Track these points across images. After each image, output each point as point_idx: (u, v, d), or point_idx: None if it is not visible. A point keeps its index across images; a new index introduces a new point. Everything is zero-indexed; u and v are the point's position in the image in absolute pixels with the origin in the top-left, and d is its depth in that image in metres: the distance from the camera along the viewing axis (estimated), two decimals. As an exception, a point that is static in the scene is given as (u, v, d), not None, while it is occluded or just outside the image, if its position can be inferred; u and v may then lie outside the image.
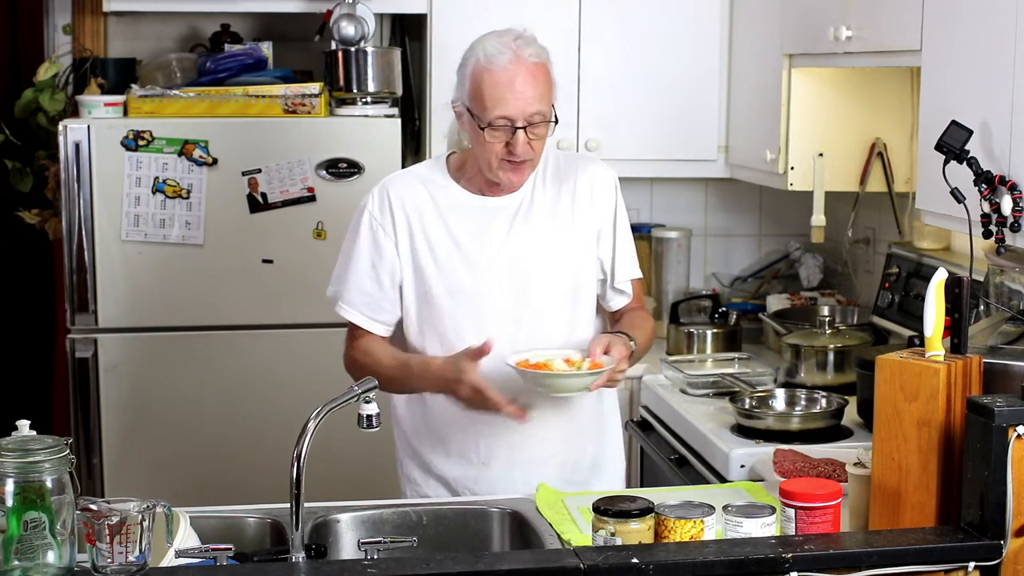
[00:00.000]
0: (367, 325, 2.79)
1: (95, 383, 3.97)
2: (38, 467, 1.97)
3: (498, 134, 2.64)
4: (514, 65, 2.62)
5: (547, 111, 2.66)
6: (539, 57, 2.67)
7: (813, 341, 3.69)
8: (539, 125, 2.65)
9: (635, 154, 4.24)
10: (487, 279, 2.75)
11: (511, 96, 2.61)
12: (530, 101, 2.62)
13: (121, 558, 2.00)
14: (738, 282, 4.67)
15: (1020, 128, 2.62)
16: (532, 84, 2.63)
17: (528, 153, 2.66)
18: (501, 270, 2.76)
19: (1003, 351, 2.44)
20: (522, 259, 2.76)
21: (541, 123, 2.65)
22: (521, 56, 2.63)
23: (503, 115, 2.62)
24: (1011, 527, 2.12)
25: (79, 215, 3.89)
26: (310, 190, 3.96)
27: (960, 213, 2.69)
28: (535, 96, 2.63)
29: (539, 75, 2.66)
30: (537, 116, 2.64)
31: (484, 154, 2.68)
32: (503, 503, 2.63)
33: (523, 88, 2.62)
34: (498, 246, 2.76)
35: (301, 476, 2.22)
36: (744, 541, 2.15)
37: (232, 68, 4.13)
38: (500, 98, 2.62)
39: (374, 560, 2.13)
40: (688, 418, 3.44)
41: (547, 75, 2.68)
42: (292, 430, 2.29)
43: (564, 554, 2.13)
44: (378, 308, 2.79)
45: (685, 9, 4.23)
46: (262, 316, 4.00)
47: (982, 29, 2.78)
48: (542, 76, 2.66)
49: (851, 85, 3.81)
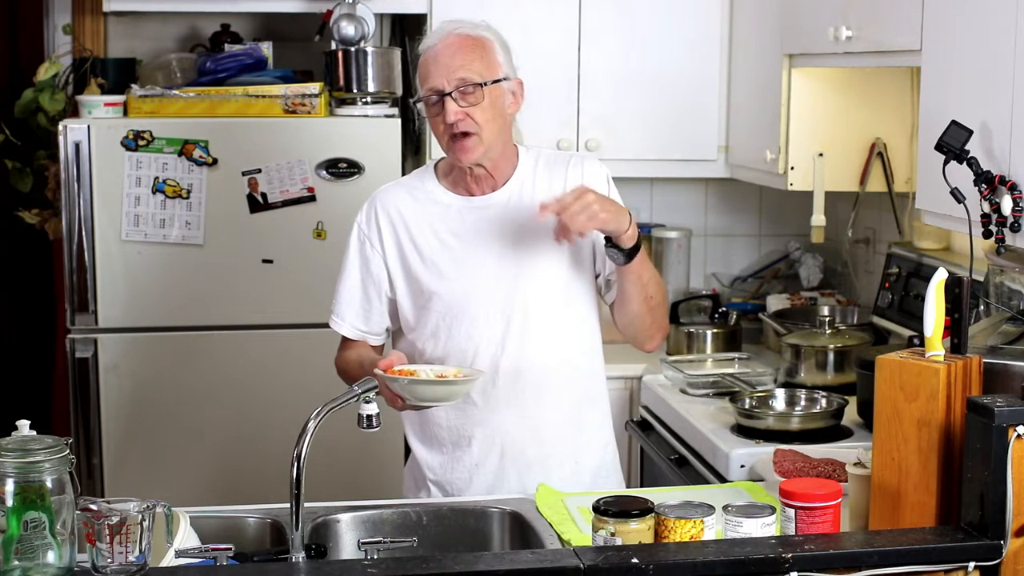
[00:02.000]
0: (355, 335, 2.85)
1: (95, 383, 3.97)
2: (38, 467, 1.97)
3: (434, 109, 2.68)
4: (441, 41, 2.69)
5: (477, 79, 2.66)
6: (474, 31, 2.71)
7: (813, 341, 3.69)
8: (471, 93, 2.66)
9: (635, 154, 4.24)
10: (475, 277, 2.75)
11: (435, 68, 2.67)
12: (454, 69, 2.66)
13: (121, 558, 2.00)
14: (738, 282, 4.67)
15: (1020, 128, 2.62)
16: (458, 53, 2.67)
17: (465, 123, 2.66)
18: (489, 267, 2.76)
19: (1003, 351, 2.44)
20: (511, 256, 2.76)
21: (473, 91, 2.66)
22: (451, 32, 2.69)
23: (430, 87, 2.68)
24: (1011, 527, 2.12)
25: (79, 215, 3.89)
26: (310, 190, 3.96)
27: (960, 213, 2.69)
28: (461, 64, 2.66)
29: (467, 45, 2.68)
30: (465, 83, 2.66)
31: (437, 137, 2.73)
32: (503, 503, 2.63)
33: (448, 59, 2.67)
34: (485, 244, 2.76)
35: (301, 476, 2.22)
36: (744, 541, 2.15)
37: (232, 68, 4.13)
38: (427, 73, 2.69)
39: (374, 560, 2.13)
40: (688, 418, 3.44)
41: (481, 46, 2.70)
42: (292, 430, 2.29)
43: (564, 554, 2.13)
44: (365, 319, 2.84)
45: (685, 9, 4.23)
46: (262, 316, 4.00)
47: (982, 29, 2.78)
48: (471, 45, 2.69)
49: (851, 85, 3.81)
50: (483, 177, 2.77)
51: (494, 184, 2.79)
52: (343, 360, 2.87)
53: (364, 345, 2.86)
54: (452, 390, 2.52)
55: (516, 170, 2.80)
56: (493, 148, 2.72)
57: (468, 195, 2.79)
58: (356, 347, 2.85)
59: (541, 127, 4.02)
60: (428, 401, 2.56)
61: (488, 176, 2.77)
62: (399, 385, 2.49)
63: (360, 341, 2.85)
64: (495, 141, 2.72)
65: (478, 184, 2.78)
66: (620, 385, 3.94)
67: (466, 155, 2.69)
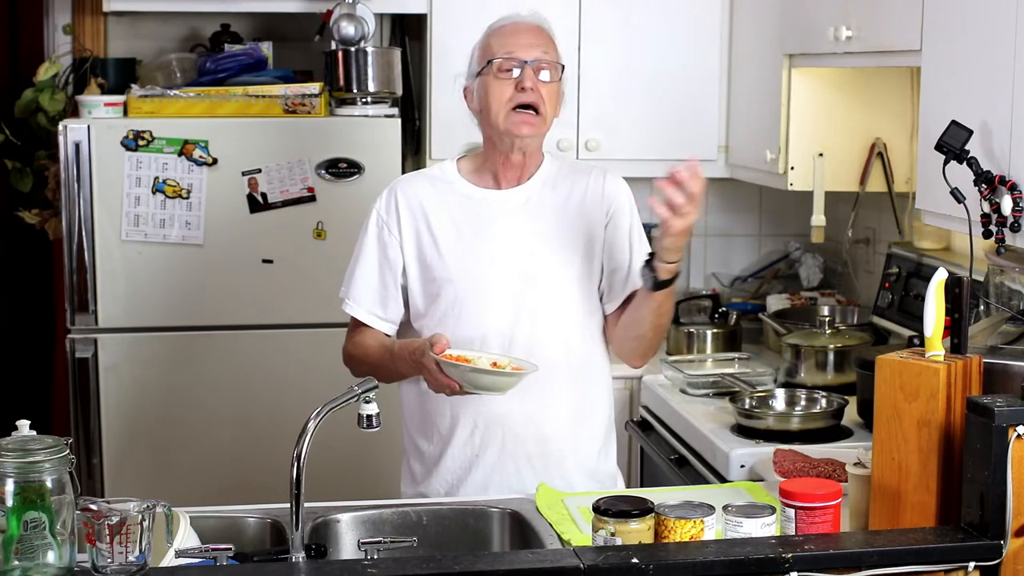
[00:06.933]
0: (371, 321, 2.84)
1: (95, 383, 3.96)
2: (38, 467, 1.97)
3: (506, 74, 2.74)
4: (515, 22, 2.81)
5: (552, 61, 2.77)
6: (545, 22, 2.84)
7: (813, 341, 3.69)
8: (545, 69, 2.75)
9: (635, 154, 4.24)
10: (489, 268, 2.77)
11: (514, 40, 2.77)
12: (534, 44, 2.76)
13: (121, 558, 2.00)
14: (738, 282, 4.67)
15: (1020, 128, 2.62)
16: (536, 34, 2.79)
17: (536, 95, 2.73)
18: (504, 260, 2.78)
19: (1003, 351, 2.43)
20: (525, 252, 2.79)
21: (547, 67, 2.75)
22: (523, 15, 2.82)
23: (508, 52, 2.75)
24: (1011, 527, 2.12)
25: (79, 215, 3.89)
26: (310, 190, 3.96)
27: (960, 213, 2.69)
28: (538, 43, 2.77)
29: (546, 34, 2.81)
30: (542, 59, 2.75)
31: (494, 105, 2.74)
32: (503, 503, 2.63)
33: (532, 36, 2.77)
34: (503, 237, 2.79)
35: (301, 476, 2.22)
36: (744, 541, 2.15)
37: (232, 68, 4.13)
38: (505, 42, 2.77)
39: (374, 560, 2.13)
40: (688, 418, 3.44)
41: (552, 38, 2.82)
42: (292, 430, 2.29)
43: (564, 554, 2.13)
44: (382, 305, 2.83)
45: (685, 9, 4.23)
46: (262, 316, 4.00)
47: (982, 29, 2.78)
48: (546, 34, 2.81)
49: (851, 85, 3.81)
50: (515, 166, 2.81)
51: (519, 178, 2.83)
52: (359, 346, 2.85)
53: (374, 333, 2.85)
54: (511, 380, 2.60)
55: (540, 169, 2.85)
56: (542, 135, 2.80)
57: (489, 188, 2.82)
58: (372, 333, 2.84)
59: (541, 127, 4.01)
60: (485, 390, 2.62)
61: (518, 166, 2.81)
62: (459, 371, 2.55)
63: (370, 329, 2.84)
64: (547, 128, 2.80)
65: (506, 174, 2.82)
66: (620, 385, 3.94)
67: (527, 127, 2.74)
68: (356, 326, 2.87)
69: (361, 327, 2.85)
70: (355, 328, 2.87)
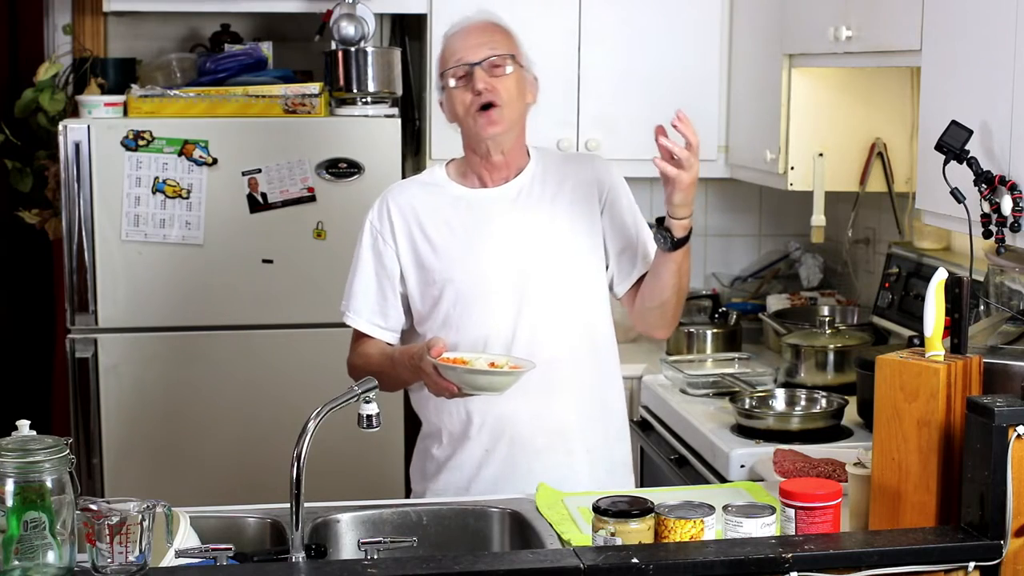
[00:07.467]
0: (372, 332, 2.86)
1: (95, 383, 3.96)
2: (38, 467, 1.97)
3: (461, 83, 2.74)
4: (468, 22, 2.82)
5: (502, 56, 2.76)
6: (491, 17, 2.83)
7: (813, 341, 3.69)
8: (499, 66, 2.75)
9: (635, 154, 4.21)
10: (486, 266, 2.78)
11: (463, 43, 2.77)
12: (483, 43, 2.76)
13: (121, 558, 2.00)
14: (738, 282, 4.67)
15: (1020, 128, 2.62)
16: (486, 31, 2.78)
17: (492, 94, 2.73)
18: (501, 256, 2.79)
19: (1003, 351, 2.43)
20: (522, 246, 2.79)
21: (500, 64, 2.75)
22: (471, 19, 2.82)
23: (459, 59, 2.76)
24: (1011, 527, 2.12)
25: (79, 215, 3.89)
26: (310, 190, 3.96)
27: (960, 213, 2.69)
28: (489, 40, 2.77)
29: (493, 27, 2.81)
30: (491, 55, 2.74)
31: (460, 113, 2.77)
32: (503, 503, 2.63)
33: (477, 35, 2.77)
34: (498, 234, 2.80)
35: (301, 476, 2.22)
36: (744, 541, 2.15)
37: (232, 68, 4.13)
38: (455, 49, 2.78)
39: (374, 560, 2.13)
40: (688, 418, 3.44)
41: (506, 32, 2.82)
42: (292, 430, 2.29)
43: (564, 554, 2.13)
44: (383, 315, 2.85)
45: (685, 9, 4.23)
46: (262, 316, 4.00)
47: (982, 29, 2.78)
48: (497, 28, 2.81)
49: (851, 85, 3.81)
50: (498, 166, 2.81)
51: (507, 175, 2.83)
52: (361, 356, 2.86)
53: (376, 342, 2.86)
54: (508, 380, 2.60)
55: (528, 163, 2.86)
56: (513, 128, 2.79)
57: (480, 187, 2.83)
58: (374, 343, 2.86)
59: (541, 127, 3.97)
60: (483, 390, 2.63)
61: (502, 166, 2.81)
62: (455, 373, 2.56)
63: (372, 339, 2.86)
64: (516, 121, 2.79)
65: (491, 175, 2.83)
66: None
67: (492, 127, 2.75)
68: (358, 337, 2.89)
69: (363, 338, 2.87)
70: (357, 339, 2.89)
